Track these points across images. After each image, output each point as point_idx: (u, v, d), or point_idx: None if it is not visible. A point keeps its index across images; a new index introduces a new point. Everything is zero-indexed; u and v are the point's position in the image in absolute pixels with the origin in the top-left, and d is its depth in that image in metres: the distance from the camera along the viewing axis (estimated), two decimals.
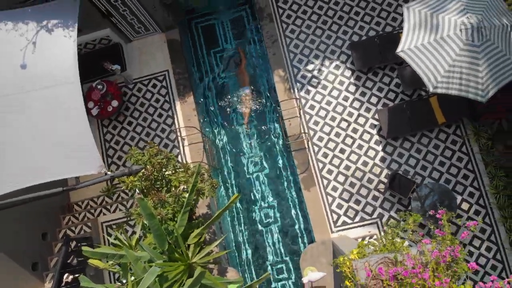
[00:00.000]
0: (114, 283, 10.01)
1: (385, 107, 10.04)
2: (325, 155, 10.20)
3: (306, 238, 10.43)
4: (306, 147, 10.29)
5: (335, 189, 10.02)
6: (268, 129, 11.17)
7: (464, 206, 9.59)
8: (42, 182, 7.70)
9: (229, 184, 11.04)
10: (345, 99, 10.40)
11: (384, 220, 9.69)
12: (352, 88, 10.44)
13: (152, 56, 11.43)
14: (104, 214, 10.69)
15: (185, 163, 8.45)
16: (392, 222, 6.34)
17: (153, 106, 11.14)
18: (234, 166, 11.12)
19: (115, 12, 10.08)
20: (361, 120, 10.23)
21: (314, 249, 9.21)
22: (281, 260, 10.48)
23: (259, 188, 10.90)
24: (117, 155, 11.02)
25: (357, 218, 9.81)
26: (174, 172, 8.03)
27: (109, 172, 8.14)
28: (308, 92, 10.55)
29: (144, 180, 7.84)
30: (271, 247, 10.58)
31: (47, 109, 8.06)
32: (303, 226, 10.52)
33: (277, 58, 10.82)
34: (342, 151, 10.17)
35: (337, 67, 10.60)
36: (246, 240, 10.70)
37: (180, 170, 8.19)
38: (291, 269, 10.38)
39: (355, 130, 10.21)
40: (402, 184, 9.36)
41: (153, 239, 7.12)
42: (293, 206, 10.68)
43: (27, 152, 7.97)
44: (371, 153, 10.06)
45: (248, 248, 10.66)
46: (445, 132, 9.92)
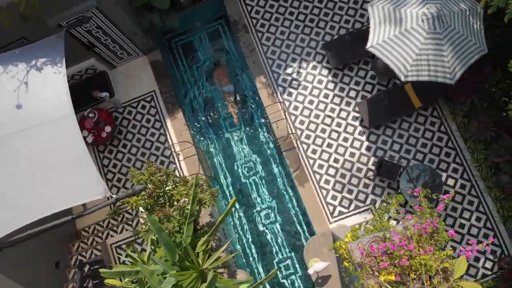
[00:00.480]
0: None
1: (364, 99, 10.50)
2: (314, 151, 10.65)
3: (307, 232, 10.71)
4: (296, 146, 10.70)
5: (327, 182, 10.45)
6: (257, 133, 11.51)
7: (450, 182, 10.02)
8: (50, 214, 8.04)
9: (227, 191, 11.32)
10: (326, 96, 10.86)
11: (377, 205, 10.07)
12: (331, 86, 10.89)
13: (138, 79, 11.78)
14: (112, 236, 11.02)
15: (183, 176, 8.76)
16: (380, 205, 6.87)
17: (145, 127, 11.51)
18: (230, 173, 11.41)
19: (97, 42, 10.50)
20: (343, 114, 10.69)
21: (315, 241, 9.43)
22: (287, 256, 10.74)
23: (256, 191, 11.18)
24: (116, 177, 11.38)
25: (352, 207, 10.23)
26: (174, 186, 8.40)
27: (113, 195, 8.53)
28: (290, 94, 11.00)
29: (147, 198, 8.22)
30: (275, 245, 10.84)
31: (45, 143, 8.29)
32: (303, 221, 10.80)
33: (257, 65, 11.25)
34: (329, 145, 10.61)
35: (314, 68, 11.05)
36: (250, 242, 10.95)
37: (180, 184, 8.57)
38: (297, 264, 10.64)
39: (339, 124, 10.66)
40: (389, 169, 9.81)
41: (164, 252, 7.52)
42: (291, 204, 10.98)
43: (32, 188, 8.19)
44: (356, 144, 10.51)
45: (254, 249, 10.91)
46: (423, 115, 10.42)
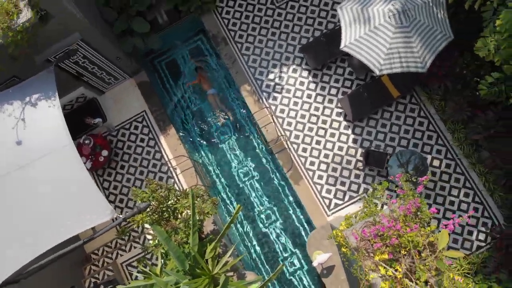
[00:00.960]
0: None
1: (345, 95, 11.01)
2: (305, 150, 11.13)
3: (307, 228, 11.14)
4: (286, 147, 11.15)
5: (320, 177, 10.92)
6: (249, 139, 11.93)
7: (436, 163, 10.56)
8: (61, 242, 8.40)
9: (226, 198, 11.70)
10: (309, 96, 11.35)
11: (369, 193, 10.66)
12: (312, 86, 11.38)
13: (127, 101, 12.16)
14: (121, 255, 11.38)
15: (183, 190, 9.15)
16: (369, 193, 7.39)
17: (140, 146, 11.91)
18: (227, 180, 11.80)
19: (85, 71, 10.90)
20: (327, 111, 11.19)
21: (316, 234, 9.79)
22: (291, 253, 11.14)
23: (254, 194, 11.57)
24: (118, 198, 11.76)
25: (346, 198, 10.73)
26: (177, 200, 8.84)
27: (120, 215, 8.93)
28: (275, 98, 11.47)
29: (152, 214, 8.64)
30: (278, 244, 11.24)
31: (49, 174, 8.68)
32: (302, 218, 11.23)
33: (240, 75, 11.72)
34: (318, 142, 11.09)
35: (294, 71, 11.54)
36: (254, 244, 11.34)
37: (181, 197, 8.98)
38: (302, 259, 11.05)
39: (324, 122, 11.15)
40: (376, 158, 10.33)
41: (174, 264, 7.92)
42: (288, 202, 11.40)
43: (42, 218, 8.50)
44: (343, 138, 11.00)
45: (259, 250, 11.29)
46: (402, 103, 10.96)
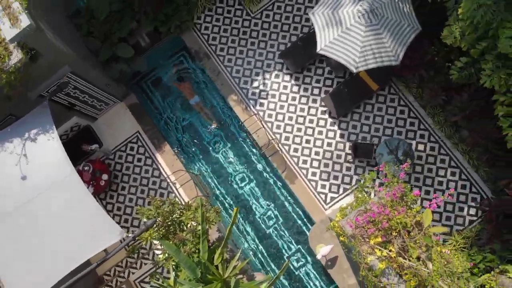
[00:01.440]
0: None
1: (327, 94, 11.53)
2: (296, 150, 11.63)
3: (308, 224, 11.55)
4: (278, 149, 11.65)
5: (314, 174, 11.43)
6: (242, 146, 12.35)
7: (420, 147, 11.11)
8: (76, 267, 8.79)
9: (227, 204, 12.11)
10: (293, 99, 11.85)
11: (360, 184, 11.14)
12: (295, 89, 11.90)
13: (120, 124, 12.54)
14: (133, 273, 11.74)
15: (186, 202, 9.54)
16: (359, 184, 7.92)
17: (138, 166, 12.31)
18: (225, 187, 12.20)
19: (77, 101, 11.29)
20: (312, 111, 11.71)
21: (316, 229, 10.27)
22: (295, 250, 11.55)
23: (253, 198, 11.98)
24: (123, 219, 12.14)
25: (341, 191, 11.24)
26: (181, 213, 9.27)
27: (129, 235, 9.34)
28: (262, 104, 11.96)
29: (159, 229, 9.04)
30: (282, 243, 11.66)
31: (56, 205, 9.08)
32: (302, 215, 11.65)
33: (226, 86, 12.20)
34: (307, 141, 11.60)
35: (277, 76, 12.05)
36: (259, 245, 11.73)
37: (185, 209, 9.40)
38: (306, 254, 11.46)
39: (311, 121, 11.66)
40: (364, 150, 10.86)
41: (186, 273, 8.33)
42: (287, 202, 11.82)
43: (55, 248, 8.92)
44: (330, 134, 11.52)
45: (264, 251, 11.69)
46: (382, 95, 11.51)
